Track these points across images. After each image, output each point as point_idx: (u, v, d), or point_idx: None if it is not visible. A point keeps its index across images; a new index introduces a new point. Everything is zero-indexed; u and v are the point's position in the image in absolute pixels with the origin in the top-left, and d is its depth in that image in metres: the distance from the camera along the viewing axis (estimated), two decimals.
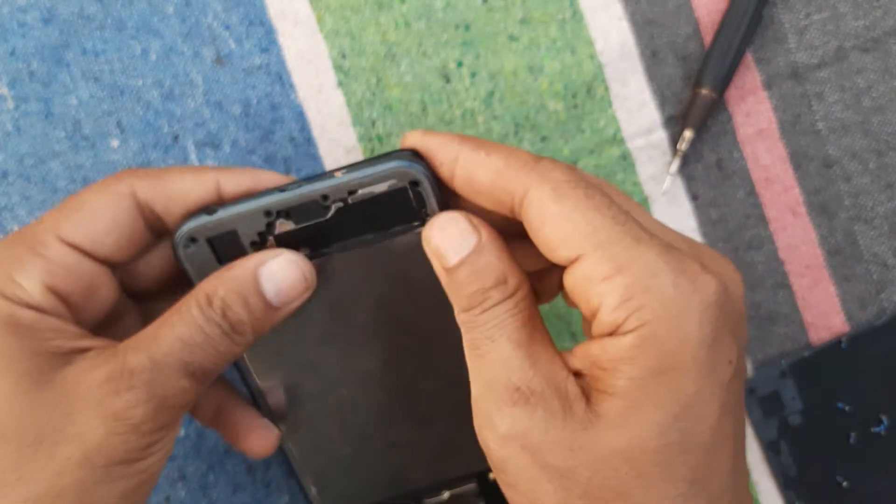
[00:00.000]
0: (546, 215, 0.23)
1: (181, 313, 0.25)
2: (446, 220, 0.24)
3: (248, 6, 0.34)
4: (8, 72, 0.34)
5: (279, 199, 0.26)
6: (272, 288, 0.25)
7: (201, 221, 0.26)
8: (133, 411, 0.23)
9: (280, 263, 0.26)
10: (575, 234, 0.23)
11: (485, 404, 0.23)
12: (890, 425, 0.36)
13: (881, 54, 0.35)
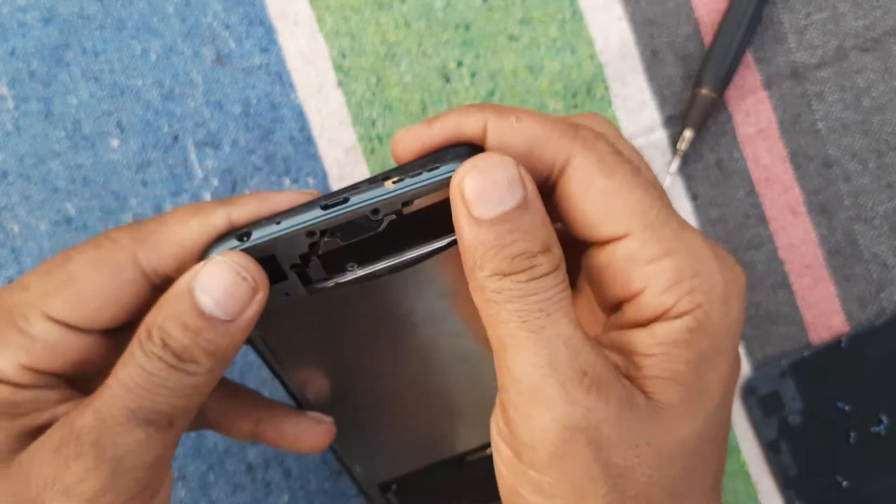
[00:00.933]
0: (592, 189, 0.21)
1: (125, 360, 0.21)
2: (490, 163, 0.20)
3: (248, 6, 0.34)
4: (8, 72, 0.34)
5: (324, 218, 0.22)
6: (209, 300, 0.21)
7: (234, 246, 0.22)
8: (84, 485, 0.20)
9: (209, 271, 0.21)
10: (623, 212, 0.21)
11: (545, 387, 0.20)
12: (890, 425, 0.36)
13: (881, 54, 0.35)
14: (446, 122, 0.22)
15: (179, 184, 0.34)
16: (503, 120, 0.22)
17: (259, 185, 0.34)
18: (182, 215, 0.23)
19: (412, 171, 0.22)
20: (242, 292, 0.21)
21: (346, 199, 0.22)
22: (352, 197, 0.22)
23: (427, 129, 0.22)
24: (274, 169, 0.35)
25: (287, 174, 0.35)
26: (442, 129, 0.22)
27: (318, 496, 0.35)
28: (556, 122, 0.22)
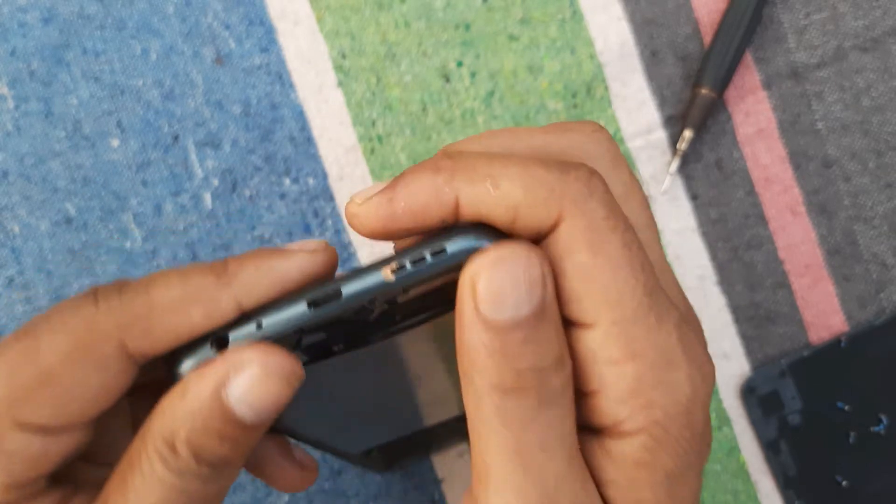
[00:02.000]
0: (570, 262, 0.18)
1: (143, 474, 0.19)
2: (515, 259, 0.18)
3: (248, 6, 0.34)
4: (8, 72, 0.34)
5: (315, 316, 0.19)
6: (249, 410, 0.19)
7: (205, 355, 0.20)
8: None
9: (248, 380, 0.19)
10: (597, 298, 0.18)
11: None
12: (889, 425, 0.36)
13: (881, 54, 0.35)
14: (410, 200, 0.19)
15: (179, 184, 0.34)
16: (477, 188, 0.18)
17: (259, 184, 0.34)
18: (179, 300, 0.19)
19: (413, 258, 0.19)
20: (284, 396, 0.19)
21: (338, 293, 0.19)
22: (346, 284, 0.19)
23: (387, 207, 0.19)
24: (274, 169, 0.35)
25: (287, 174, 0.35)
26: (407, 212, 0.19)
27: (318, 496, 0.35)
28: (541, 176, 0.18)
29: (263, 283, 0.19)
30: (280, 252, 0.20)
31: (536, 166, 0.18)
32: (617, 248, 0.18)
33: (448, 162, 0.19)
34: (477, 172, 0.18)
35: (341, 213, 0.35)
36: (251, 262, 0.19)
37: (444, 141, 0.35)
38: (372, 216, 0.19)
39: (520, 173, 0.18)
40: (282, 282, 0.20)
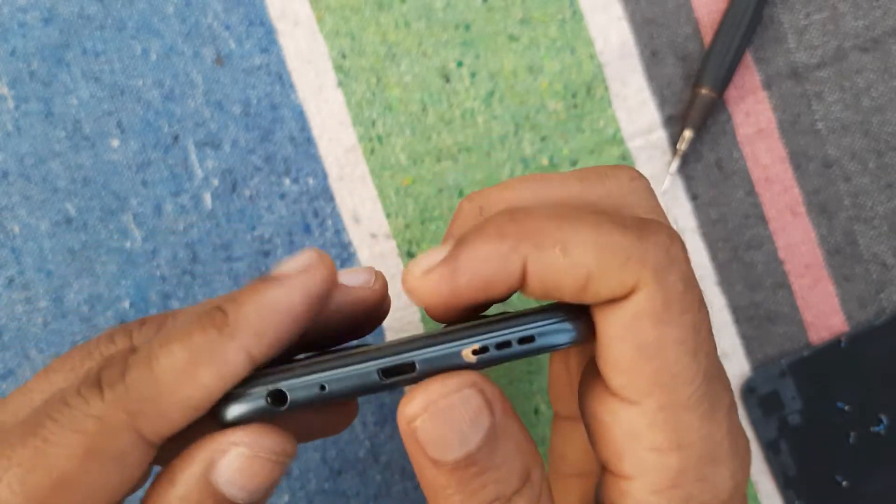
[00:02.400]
0: (633, 334, 0.17)
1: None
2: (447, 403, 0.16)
3: (248, 6, 0.34)
4: (8, 72, 0.34)
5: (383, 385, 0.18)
6: (240, 492, 0.18)
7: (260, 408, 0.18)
8: None
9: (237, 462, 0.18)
10: (648, 378, 0.17)
11: None
12: (889, 425, 0.36)
13: (881, 54, 0.35)
14: (476, 272, 0.17)
15: (179, 184, 0.34)
16: (546, 255, 0.16)
17: (259, 185, 0.34)
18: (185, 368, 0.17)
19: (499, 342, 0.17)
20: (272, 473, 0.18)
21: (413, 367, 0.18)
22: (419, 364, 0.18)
23: (450, 281, 0.17)
24: (274, 169, 0.35)
25: (287, 174, 0.35)
26: (472, 285, 0.17)
27: (318, 496, 0.35)
28: (616, 242, 0.17)
29: (269, 324, 0.18)
30: (275, 282, 0.18)
31: (611, 229, 0.17)
32: (686, 331, 0.17)
33: (513, 226, 0.17)
34: (546, 238, 0.17)
35: (341, 213, 0.35)
36: (250, 303, 0.18)
37: (444, 141, 0.35)
38: (434, 291, 0.17)
39: (592, 238, 0.16)
40: (287, 316, 0.18)
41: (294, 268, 0.18)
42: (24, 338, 0.34)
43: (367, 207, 0.35)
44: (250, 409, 0.18)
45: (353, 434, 0.35)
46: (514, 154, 0.35)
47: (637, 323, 0.17)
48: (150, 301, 0.34)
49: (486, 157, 0.35)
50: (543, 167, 0.35)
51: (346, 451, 0.35)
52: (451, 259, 0.17)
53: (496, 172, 0.35)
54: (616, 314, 0.17)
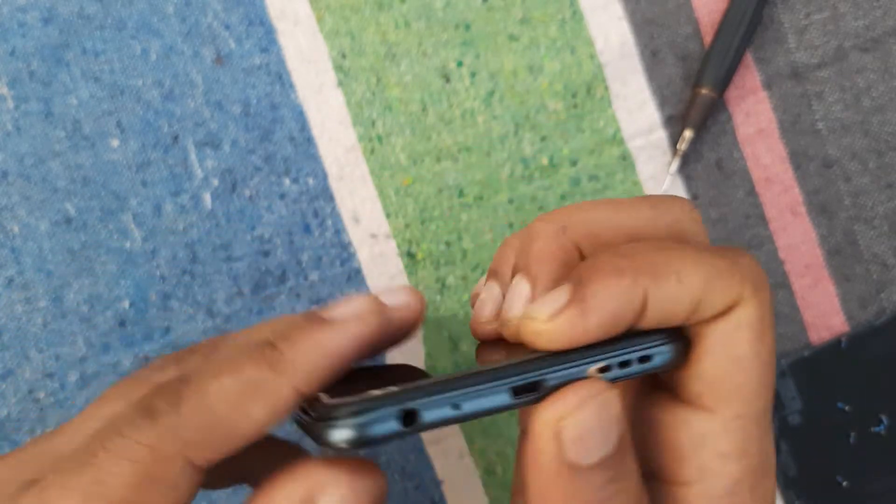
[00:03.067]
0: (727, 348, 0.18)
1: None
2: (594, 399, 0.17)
3: (248, 6, 0.34)
4: (8, 72, 0.34)
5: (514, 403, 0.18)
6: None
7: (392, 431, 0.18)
8: None
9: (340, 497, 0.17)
10: (731, 388, 0.18)
11: None
12: (890, 425, 0.36)
13: (881, 54, 0.35)
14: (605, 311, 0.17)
15: (179, 184, 0.34)
16: (665, 284, 0.17)
17: (259, 185, 0.34)
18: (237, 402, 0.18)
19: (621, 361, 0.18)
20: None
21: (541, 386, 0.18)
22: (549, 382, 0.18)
23: (581, 322, 0.17)
24: (274, 169, 0.35)
25: (287, 174, 0.35)
26: (602, 323, 0.17)
27: None
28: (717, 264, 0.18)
29: (320, 366, 0.18)
30: (329, 325, 0.19)
31: (710, 255, 0.18)
32: (770, 347, 0.18)
33: (626, 262, 0.18)
34: (661, 269, 0.18)
35: (341, 213, 0.35)
36: (302, 342, 0.18)
37: (444, 141, 0.35)
38: (565, 334, 0.17)
39: (698, 264, 0.18)
40: (338, 359, 0.18)
41: (349, 313, 0.19)
42: (24, 338, 0.34)
43: (367, 207, 0.35)
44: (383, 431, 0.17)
45: None
46: (514, 154, 0.35)
47: (736, 334, 0.18)
48: (149, 301, 0.34)
49: (486, 156, 0.35)
50: (543, 167, 0.35)
51: None
52: (578, 301, 0.17)
53: (496, 172, 0.35)
54: (716, 328, 0.18)
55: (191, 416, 0.18)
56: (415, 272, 0.35)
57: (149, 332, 0.34)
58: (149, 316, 0.34)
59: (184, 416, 0.18)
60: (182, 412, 0.18)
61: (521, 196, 0.35)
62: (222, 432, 0.18)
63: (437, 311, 0.35)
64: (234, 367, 0.18)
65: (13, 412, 0.34)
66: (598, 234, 0.20)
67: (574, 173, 0.35)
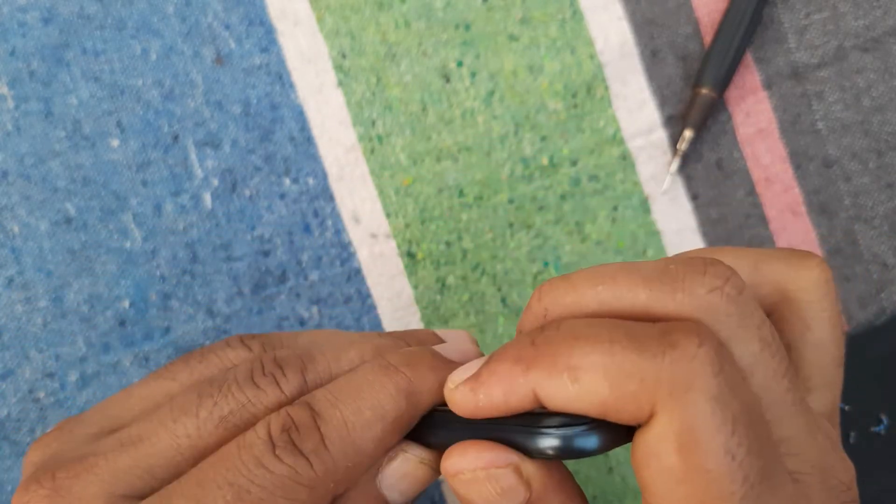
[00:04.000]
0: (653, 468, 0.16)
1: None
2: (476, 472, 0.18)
3: (248, 6, 0.34)
4: (8, 71, 0.34)
5: None
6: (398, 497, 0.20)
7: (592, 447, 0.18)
8: None
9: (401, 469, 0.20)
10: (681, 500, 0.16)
11: None
12: (890, 425, 0.36)
13: (881, 54, 0.35)
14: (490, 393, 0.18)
15: (179, 184, 0.34)
16: (554, 382, 0.17)
17: (259, 184, 0.34)
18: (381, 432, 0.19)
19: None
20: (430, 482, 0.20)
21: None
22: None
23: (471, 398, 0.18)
24: (274, 169, 0.35)
25: (287, 174, 0.35)
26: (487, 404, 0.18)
27: None
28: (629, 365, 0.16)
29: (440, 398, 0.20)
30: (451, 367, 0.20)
31: (626, 348, 0.16)
32: (716, 458, 0.15)
33: (530, 350, 0.17)
34: (556, 365, 0.17)
35: (341, 213, 0.35)
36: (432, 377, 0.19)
37: (444, 141, 0.35)
38: (460, 405, 0.19)
39: (603, 362, 0.16)
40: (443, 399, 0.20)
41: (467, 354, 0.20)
42: (24, 338, 0.34)
43: (367, 207, 0.35)
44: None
45: None
46: (514, 154, 0.35)
47: (661, 446, 0.16)
48: (149, 301, 0.34)
49: (486, 156, 0.35)
50: (543, 167, 0.35)
51: None
52: (473, 379, 0.18)
53: (496, 172, 0.35)
54: (639, 439, 0.16)
55: (342, 458, 0.18)
56: (415, 272, 0.35)
57: (149, 332, 0.34)
58: (149, 316, 0.34)
59: (335, 457, 0.18)
60: (333, 452, 0.18)
61: (521, 196, 0.35)
62: (363, 467, 0.19)
63: (437, 311, 0.35)
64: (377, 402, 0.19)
65: (13, 412, 0.34)
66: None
67: (574, 173, 0.35)
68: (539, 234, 0.35)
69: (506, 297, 0.35)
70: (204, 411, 0.19)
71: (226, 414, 0.19)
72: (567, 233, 0.35)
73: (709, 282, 0.17)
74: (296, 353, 0.21)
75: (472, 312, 0.35)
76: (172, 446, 0.19)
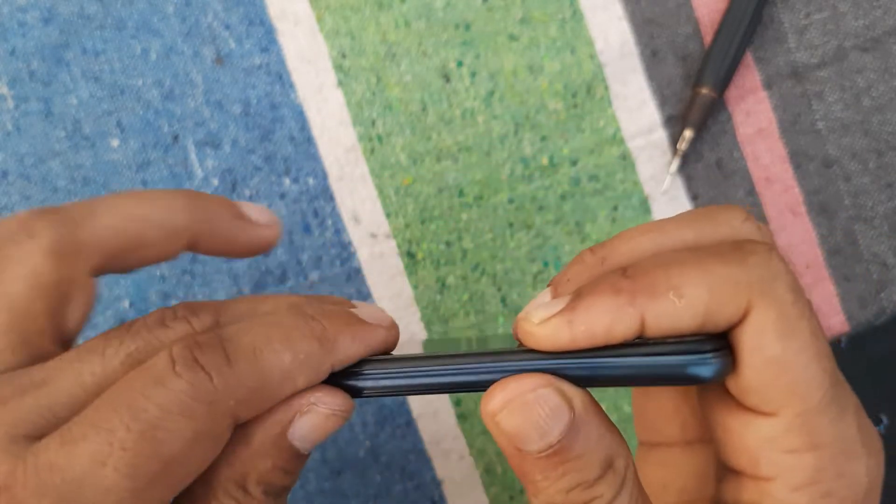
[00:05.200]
0: (759, 353, 0.18)
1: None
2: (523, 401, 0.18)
3: (248, 6, 0.34)
4: (8, 71, 0.34)
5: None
6: (309, 444, 0.20)
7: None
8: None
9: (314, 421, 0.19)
10: (784, 390, 0.18)
11: None
12: (890, 425, 0.36)
13: (881, 54, 0.35)
14: (592, 324, 0.18)
15: (179, 183, 0.34)
16: (662, 303, 0.18)
17: (259, 184, 0.34)
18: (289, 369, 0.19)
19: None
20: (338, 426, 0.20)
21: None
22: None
23: (567, 331, 0.18)
24: (274, 169, 0.35)
25: (287, 174, 0.35)
26: (588, 334, 0.18)
27: (318, 496, 0.35)
28: (722, 273, 0.18)
29: (355, 353, 0.20)
30: (367, 325, 0.20)
31: (714, 262, 0.18)
32: (807, 338, 0.18)
33: (627, 282, 0.18)
34: (659, 287, 0.18)
35: (341, 213, 0.35)
36: (347, 331, 0.20)
37: (444, 141, 0.35)
38: (550, 338, 0.18)
39: (701, 275, 0.18)
40: (368, 353, 0.20)
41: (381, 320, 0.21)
42: None
43: (367, 207, 0.35)
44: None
45: (353, 434, 0.35)
46: (514, 154, 0.35)
47: (761, 339, 0.18)
48: (149, 301, 0.34)
49: (486, 156, 0.35)
50: (543, 167, 0.35)
51: (345, 451, 0.35)
52: (568, 311, 0.18)
53: (496, 172, 0.35)
54: (740, 336, 0.18)
55: (245, 375, 0.18)
56: (415, 272, 0.35)
57: None
58: None
59: (240, 376, 0.18)
60: (236, 370, 0.18)
61: (521, 196, 0.35)
62: (269, 396, 0.19)
63: (437, 310, 0.35)
64: (286, 334, 0.19)
65: None
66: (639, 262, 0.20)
67: (574, 173, 0.35)
68: (539, 233, 0.35)
69: (506, 296, 0.35)
70: (110, 349, 0.19)
71: (132, 350, 0.19)
72: (567, 233, 0.35)
73: (739, 214, 0.20)
74: (211, 302, 0.21)
75: (472, 312, 0.35)
76: (76, 384, 0.19)
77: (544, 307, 0.19)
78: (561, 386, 0.18)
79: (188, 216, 0.22)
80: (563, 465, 0.18)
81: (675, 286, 0.18)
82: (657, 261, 0.18)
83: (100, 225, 0.21)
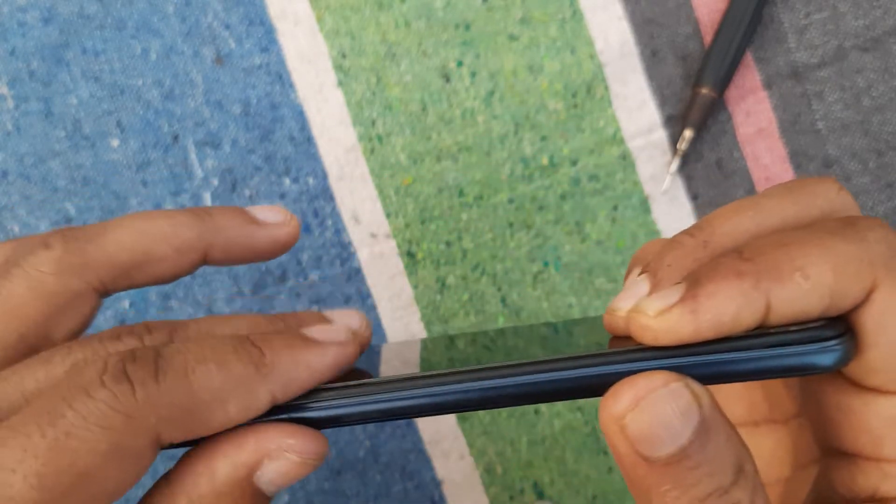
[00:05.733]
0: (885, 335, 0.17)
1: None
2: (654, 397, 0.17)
3: (248, 6, 0.34)
4: (8, 71, 0.34)
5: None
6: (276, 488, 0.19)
7: None
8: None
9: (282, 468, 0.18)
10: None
11: None
12: None
13: (881, 54, 0.35)
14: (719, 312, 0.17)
15: (179, 184, 0.34)
16: (789, 286, 0.17)
17: (259, 184, 0.34)
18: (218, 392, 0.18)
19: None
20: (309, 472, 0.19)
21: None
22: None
23: (691, 321, 0.17)
24: (274, 169, 0.35)
25: (287, 174, 0.35)
26: (714, 324, 0.17)
27: (318, 496, 0.35)
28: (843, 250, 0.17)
29: (298, 381, 0.19)
30: (313, 346, 0.19)
31: (835, 240, 0.17)
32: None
33: (748, 265, 0.17)
34: (783, 269, 0.17)
35: (341, 213, 0.35)
36: (286, 355, 0.19)
37: (444, 141, 0.35)
38: (672, 331, 0.17)
39: (824, 255, 0.17)
40: (315, 378, 0.19)
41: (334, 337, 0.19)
42: None
43: (367, 207, 0.35)
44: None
45: (353, 434, 0.35)
46: (514, 153, 0.35)
47: (887, 318, 0.17)
48: (149, 301, 0.34)
49: (486, 156, 0.35)
50: (543, 167, 0.35)
51: (345, 451, 0.35)
52: (689, 299, 0.17)
53: (496, 172, 0.35)
54: (864, 317, 0.17)
55: (171, 393, 0.17)
56: (415, 272, 0.35)
57: None
58: (149, 316, 0.34)
59: (165, 392, 0.17)
60: (164, 387, 0.17)
61: (521, 196, 0.35)
62: (196, 418, 0.18)
63: (437, 310, 0.35)
64: (220, 356, 0.18)
65: None
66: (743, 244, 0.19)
67: (574, 173, 0.35)
68: (539, 233, 0.35)
69: (506, 296, 0.35)
70: (57, 357, 0.19)
71: (78, 360, 0.19)
72: (567, 232, 0.35)
73: (833, 185, 0.19)
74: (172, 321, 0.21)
75: (472, 312, 0.35)
76: (17, 389, 0.18)
77: (660, 298, 0.17)
78: (689, 381, 0.17)
79: (195, 229, 0.22)
80: (696, 470, 0.16)
81: (799, 267, 0.17)
82: (774, 240, 0.17)
83: (108, 240, 0.21)
